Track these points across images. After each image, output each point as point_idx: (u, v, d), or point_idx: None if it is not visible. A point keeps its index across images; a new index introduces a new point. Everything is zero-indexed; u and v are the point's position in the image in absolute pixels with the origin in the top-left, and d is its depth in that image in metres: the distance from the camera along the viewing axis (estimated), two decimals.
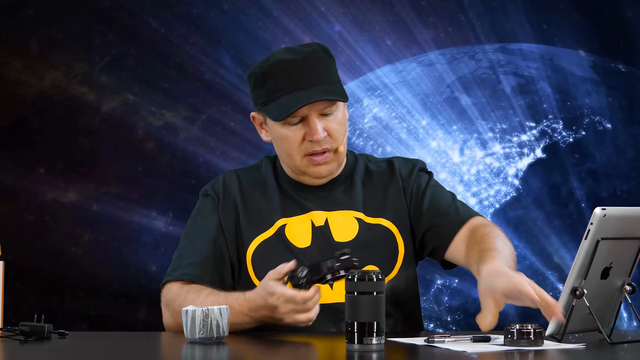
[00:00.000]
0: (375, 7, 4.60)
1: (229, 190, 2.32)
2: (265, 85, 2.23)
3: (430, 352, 1.78)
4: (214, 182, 2.36)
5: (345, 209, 2.29)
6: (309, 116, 2.21)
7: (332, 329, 2.21)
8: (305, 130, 2.22)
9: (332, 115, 2.23)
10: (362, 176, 2.35)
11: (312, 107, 2.20)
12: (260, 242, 2.26)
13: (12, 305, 3.78)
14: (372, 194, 2.33)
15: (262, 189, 2.32)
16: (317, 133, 2.20)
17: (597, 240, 1.82)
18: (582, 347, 1.82)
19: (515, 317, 4.53)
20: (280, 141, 2.26)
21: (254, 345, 2.04)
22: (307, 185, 2.31)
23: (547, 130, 4.66)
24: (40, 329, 2.00)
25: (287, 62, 2.22)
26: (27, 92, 4.41)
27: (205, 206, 2.32)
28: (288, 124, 2.23)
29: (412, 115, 4.68)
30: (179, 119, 4.48)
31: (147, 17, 4.45)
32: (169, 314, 2.20)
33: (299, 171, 2.28)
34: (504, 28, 4.66)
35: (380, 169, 2.37)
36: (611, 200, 4.58)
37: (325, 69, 2.24)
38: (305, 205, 2.29)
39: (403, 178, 2.35)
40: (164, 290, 2.24)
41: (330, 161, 2.26)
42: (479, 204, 4.65)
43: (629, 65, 4.67)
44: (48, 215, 4.38)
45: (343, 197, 2.31)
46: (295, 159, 2.25)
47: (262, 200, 2.31)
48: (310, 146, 2.23)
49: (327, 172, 2.27)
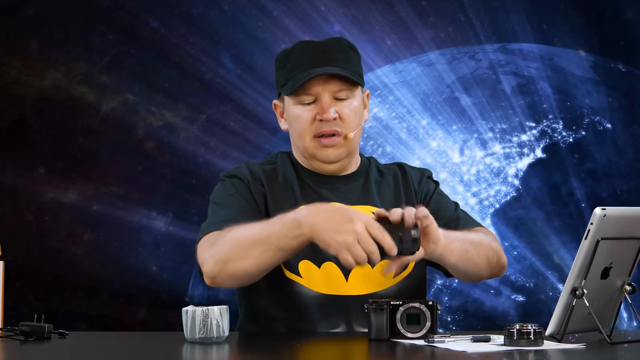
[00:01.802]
0: (375, 7, 4.60)
1: (256, 175, 2.31)
2: (287, 64, 2.27)
3: (430, 352, 1.78)
4: (239, 168, 2.34)
5: (363, 203, 2.30)
6: (322, 95, 2.24)
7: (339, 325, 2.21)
8: (317, 109, 2.24)
9: (347, 101, 2.26)
10: (375, 174, 2.38)
11: (326, 86, 2.23)
12: None
13: (12, 305, 3.78)
14: (386, 192, 2.35)
15: (283, 179, 2.32)
16: (328, 111, 2.23)
17: (597, 240, 1.82)
18: (582, 347, 1.82)
19: (515, 317, 4.54)
20: (293, 121, 2.29)
21: (254, 345, 2.04)
22: (325, 176, 2.32)
23: (547, 130, 4.66)
24: (40, 329, 2.00)
25: (310, 43, 2.29)
26: (27, 92, 4.41)
27: (234, 184, 2.29)
28: (301, 103, 2.26)
29: (412, 115, 4.68)
30: (179, 119, 4.48)
31: (147, 17, 4.45)
32: (212, 251, 2.10)
33: (309, 154, 2.30)
34: (504, 28, 4.66)
35: (390, 170, 2.41)
36: (611, 200, 4.58)
37: (345, 55, 2.28)
38: (326, 197, 2.29)
39: (415, 183, 2.39)
40: (197, 250, 2.17)
41: (339, 146, 2.27)
42: (479, 204, 4.65)
43: (629, 65, 4.67)
44: (48, 215, 4.38)
45: (361, 192, 2.33)
46: (305, 139, 2.27)
47: (285, 189, 2.30)
48: (320, 126, 2.25)
49: (334, 157, 2.28)
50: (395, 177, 2.39)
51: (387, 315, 1.94)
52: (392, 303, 1.94)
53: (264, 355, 1.89)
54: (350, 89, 2.26)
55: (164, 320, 4.36)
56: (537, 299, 4.60)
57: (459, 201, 2.45)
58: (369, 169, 2.38)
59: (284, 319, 2.22)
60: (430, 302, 1.95)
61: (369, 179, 2.36)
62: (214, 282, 2.11)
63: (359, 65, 2.31)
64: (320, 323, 2.20)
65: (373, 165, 2.40)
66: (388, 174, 2.39)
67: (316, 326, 2.20)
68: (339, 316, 2.20)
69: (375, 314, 1.94)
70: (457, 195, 4.62)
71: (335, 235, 1.93)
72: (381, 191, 2.35)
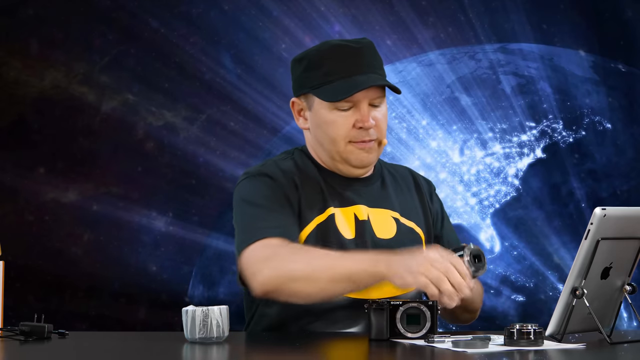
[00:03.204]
0: (375, 7, 4.60)
1: (286, 172, 2.27)
2: (322, 67, 2.24)
3: (430, 352, 1.78)
4: (266, 165, 2.29)
5: (383, 207, 2.30)
6: (361, 103, 2.22)
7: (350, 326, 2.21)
8: (356, 117, 2.22)
9: (380, 107, 2.26)
10: (389, 176, 2.39)
11: (366, 94, 2.22)
12: (316, 225, 2.23)
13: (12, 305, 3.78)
14: (401, 196, 2.36)
15: (309, 177, 2.29)
16: (369, 120, 2.21)
17: (597, 240, 1.82)
18: (582, 347, 1.82)
19: (515, 317, 4.54)
20: (327, 126, 2.25)
21: (254, 345, 2.04)
22: (345, 177, 2.31)
23: (547, 130, 4.66)
24: (40, 329, 2.00)
25: (346, 47, 2.25)
26: (27, 92, 4.41)
27: (266, 184, 2.24)
28: (338, 109, 2.23)
29: (412, 115, 4.68)
30: (179, 119, 4.49)
31: (147, 17, 4.45)
32: (275, 264, 2.07)
33: (341, 158, 2.27)
34: (504, 28, 4.66)
35: (402, 174, 2.42)
36: (611, 200, 4.58)
37: (378, 60, 2.28)
38: (350, 198, 2.28)
39: (426, 193, 2.40)
40: (247, 253, 2.12)
41: (373, 150, 2.27)
42: (479, 204, 4.65)
43: (629, 65, 4.67)
44: (48, 215, 4.38)
45: (379, 195, 2.32)
46: (340, 144, 2.24)
47: (313, 186, 2.28)
48: (359, 134, 2.23)
49: (368, 161, 2.28)
50: (407, 182, 2.40)
51: (387, 315, 1.93)
52: (392, 303, 1.94)
53: (264, 355, 1.89)
54: (384, 95, 2.26)
55: (164, 320, 4.36)
56: (537, 299, 4.60)
57: (459, 201, 2.46)
58: (382, 170, 2.38)
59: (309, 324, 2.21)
60: (430, 302, 1.95)
61: (385, 181, 2.36)
62: (267, 294, 2.10)
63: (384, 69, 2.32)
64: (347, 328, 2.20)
65: (384, 166, 2.41)
66: (400, 177, 2.40)
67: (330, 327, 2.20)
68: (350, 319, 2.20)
69: (375, 314, 1.94)
70: (457, 195, 4.62)
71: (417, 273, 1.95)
72: (397, 193, 2.35)
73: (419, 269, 1.94)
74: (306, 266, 2.06)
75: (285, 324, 2.21)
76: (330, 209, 2.25)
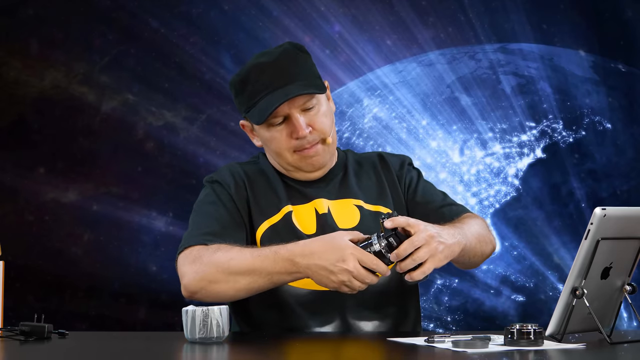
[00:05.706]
0: (375, 7, 4.60)
1: (237, 177, 2.32)
2: (245, 91, 2.25)
3: (430, 352, 1.78)
4: (220, 172, 2.35)
5: (344, 197, 2.32)
6: (291, 114, 2.23)
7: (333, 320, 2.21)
8: (290, 128, 2.24)
9: (314, 109, 2.25)
10: (354, 166, 2.40)
11: (292, 104, 2.22)
12: (268, 226, 2.26)
13: (12, 305, 3.78)
14: (367, 182, 2.37)
15: (265, 178, 2.33)
16: (302, 129, 2.22)
17: (597, 240, 1.82)
18: (582, 347, 1.82)
19: (515, 317, 4.53)
20: (269, 142, 2.28)
21: (254, 345, 2.04)
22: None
23: (547, 130, 4.66)
24: (40, 329, 2.00)
25: (261, 65, 2.24)
26: (27, 92, 4.41)
27: (214, 191, 2.30)
28: (272, 125, 2.25)
29: (412, 115, 4.68)
30: (179, 119, 4.49)
31: (147, 17, 4.45)
32: (196, 268, 2.13)
33: (293, 167, 2.30)
34: (504, 28, 4.66)
35: (369, 160, 2.43)
36: (611, 200, 4.58)
37: (299, 65, 2.26)
38: (308, 194, 2.31)
39: (396, 170, 2.40)
40: (179, 259, 2.20)
41: (322, 152, 2.28)
42: (479, 204, 4.65)
43: (629, 65, 4.67)
44: (48, 215, 4.38)
45: (341, 187, 2.34)
46: (286, 156, 2.27)
47: (267, 188, 2.32)
48: (299, 143, 2.25)
49: (320, 164, 2.30)
50: (374, 166, 2.40)
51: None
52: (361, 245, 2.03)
53: (264, 355, 1.89)
54: (314, 97, 2.25)
55: (164, 320, 4.36)
56: (537, 299, 4.60)
57: (459, 201, 2.45)
58: (346, 161, 2.39)
59: (275, 321, 2.22)
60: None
61: (347, 172, 2.37)
62: (193, 297, 2.16)
63: (313, 67, 2.29)
64: (313, 320, 2.20)
65: (350, 157, 2.42)
66: (366, 163, 2.41)
67: (308, 323, 2.20)
68: (332, 312, 2.21)
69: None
70: (457, 195, 4.62)
71: (330, 276, 2.02)
72: (361, 182, 2.36)
73: (330, 276, 2.02)
74: (224, 269, 2.11)
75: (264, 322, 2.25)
76: (286, 207, 2.27)
